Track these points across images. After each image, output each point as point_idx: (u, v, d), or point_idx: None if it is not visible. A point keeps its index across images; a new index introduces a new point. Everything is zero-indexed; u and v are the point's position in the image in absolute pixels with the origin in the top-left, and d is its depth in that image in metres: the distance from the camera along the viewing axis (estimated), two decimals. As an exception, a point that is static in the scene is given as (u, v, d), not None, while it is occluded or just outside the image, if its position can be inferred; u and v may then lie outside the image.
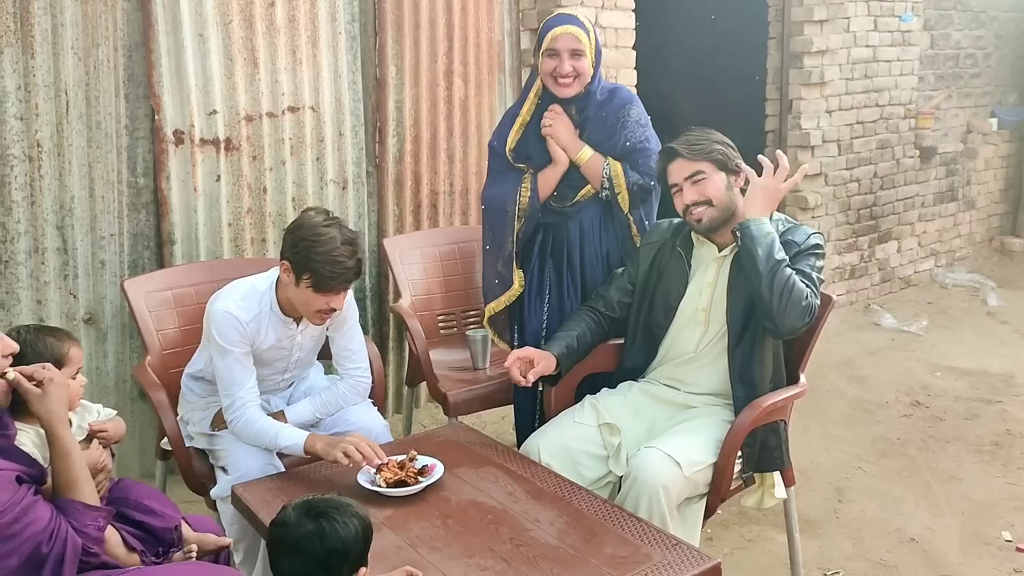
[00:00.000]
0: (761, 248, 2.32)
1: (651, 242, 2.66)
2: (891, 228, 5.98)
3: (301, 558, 1.54)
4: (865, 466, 3.58)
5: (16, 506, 1.60)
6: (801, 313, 2.33)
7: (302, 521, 1.57)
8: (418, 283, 3.50)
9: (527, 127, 2.81)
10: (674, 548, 1.92)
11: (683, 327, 2.55)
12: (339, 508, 1.60)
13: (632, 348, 2.65)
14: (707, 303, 2.51)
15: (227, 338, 2.39)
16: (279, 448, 2.40)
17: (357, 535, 1.59)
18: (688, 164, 2.42)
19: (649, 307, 2.60)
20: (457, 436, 2.56)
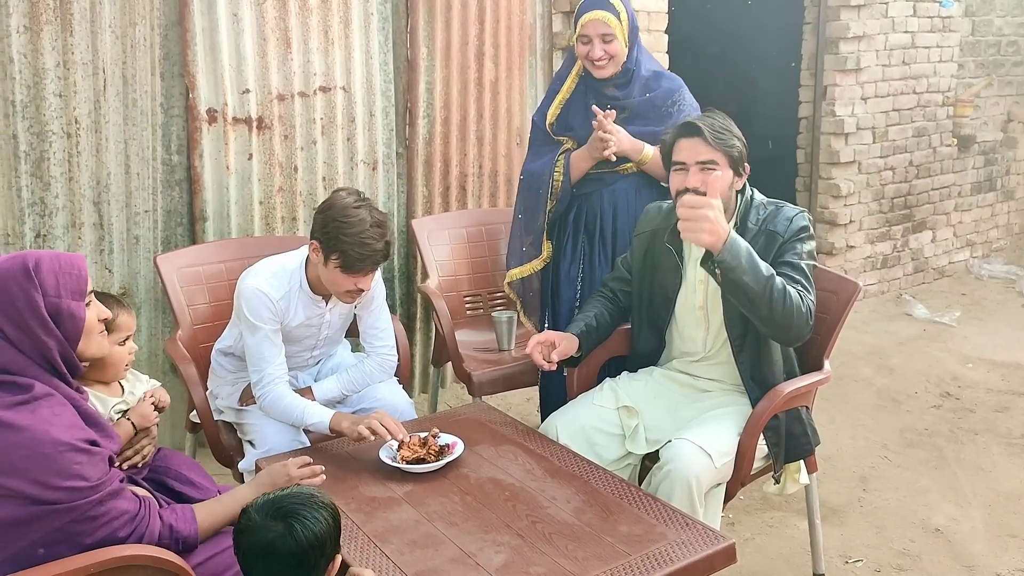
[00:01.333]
0: (748, 276, 2.17)
1: (642, 232, 2.60)
2: (926, 218, 5.90)
3: (276, 560, 1.48)
4: (891, 455, 3.56)
5: (107, 486, 1.64)
6: (803, 322, 2.28)
7: (269, 524, 1.49)
8: (445, 264, 3.52)
9: (567, 103, 2.91)
10: (688, 527, 1.93)
11: (686, 324, 2.54)
12: (304, 503, 1.52)
13: (640, 336, 2.65)
14: (702, 301, 2.48)
15: (257, 315, 2.43)
16: (305, 425, 2.44)
17: (328, 525, 1.52)
18: (706, 149, 2.31)
19: (649, 298, 2.58)
20: (479, 415, 2.59)
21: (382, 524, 1.98)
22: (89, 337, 1.74)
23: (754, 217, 2.41)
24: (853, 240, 5.48)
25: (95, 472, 1.62)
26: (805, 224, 2.39)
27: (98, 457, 1.64)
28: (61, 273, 1.69)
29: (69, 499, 1.59)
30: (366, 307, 2.64)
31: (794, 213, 2.40)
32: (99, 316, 1.79)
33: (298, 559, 1.48)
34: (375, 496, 2.12)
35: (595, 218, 2.91)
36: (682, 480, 2.20)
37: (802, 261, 2.35)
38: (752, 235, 2.37)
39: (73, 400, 1.70)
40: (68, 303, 1.69)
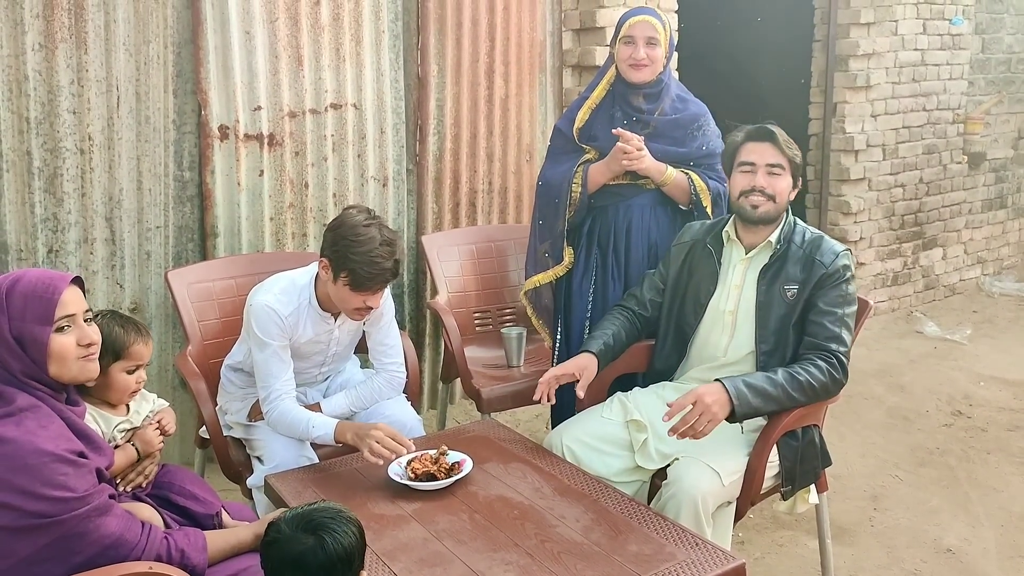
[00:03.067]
0: (770, 405, 2.29)
1: (683, 242, 2.67)
2: (936, 235, 5.88)
3: (305, 573, 1.49)
4: (902, 474, 3.53)
5: (94, 499, 1.62)
6: (834, 389, 2.37)
7: (299, 536, 1.51)
8: (455, 280, 3.53)
9: (595, 110, 2.92)
10: (698, 547, 1.92)
11: (711, 329, 2.55)
12: (333, 517, 1.54)
13: (663, 348, 2.66)
14: (733, 306, 2.51)
15: (266, 331, 2.44)
16: (311, 438, 2.45)
17: (356, 539, 1.54)
18: (776, 153, 2.43)
19: (680, 306, 2.62)
20: (488, 432, 2.58)
21: (391, 542, 1.98)
22: (63, 362, 1.70)
23: (799, 238, 2.47)
24: (864, 257, 5.47)
25: (81, 484, 1.61)
26: (848, 263, 2.43)
27: (85, 469, 1.63)
28: (32, 297, 1.67)
29: (55, 511, 1.57)
30: (375, 324, 2.64)
31: (841, 250, 2.45)
32: (80, 341, 1.72)
33: (327, 572, 1.49)
34: (384, 513, 2.11)
35: (609, 232, 2.91)
36: (689, 498, 2.20)
37: (839, 310, 2.38)
38: (795, 258, 2.44)
39: (61, 413, 1.69)
40: (31, 328, 1.66)
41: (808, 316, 2.40)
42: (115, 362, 2.01)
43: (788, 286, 2.42)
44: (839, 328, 2.37)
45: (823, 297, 2.39)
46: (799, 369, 2.33)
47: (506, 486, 2.23)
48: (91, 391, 1.99)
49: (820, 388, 2.33)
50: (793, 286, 2.42)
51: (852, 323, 2.41)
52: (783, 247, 2.45)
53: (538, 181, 3.03)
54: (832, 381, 2.34)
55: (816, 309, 2.39)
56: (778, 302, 2.43)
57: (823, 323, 2.37)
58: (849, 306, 2.40)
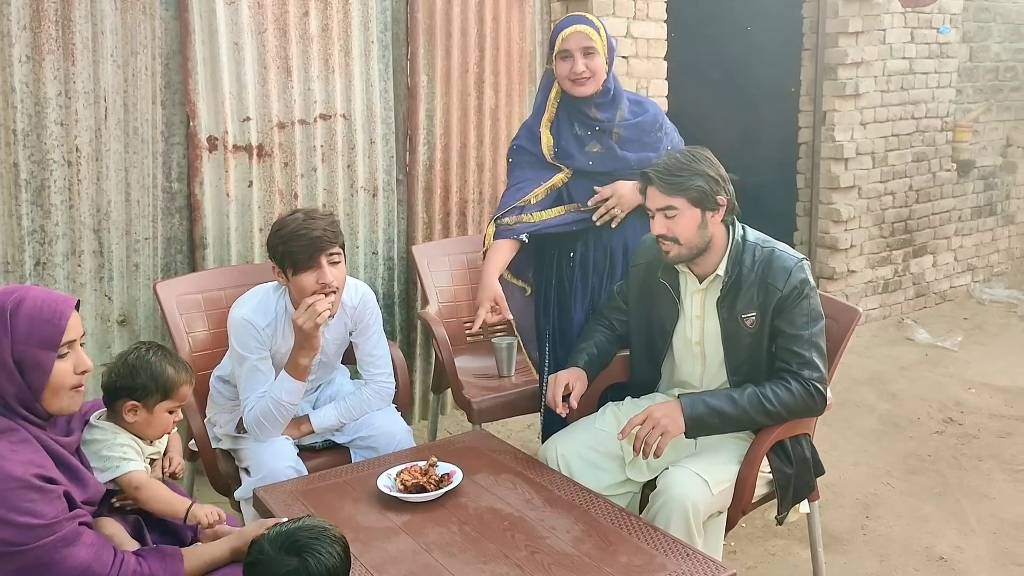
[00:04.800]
0: (728, 425, 2.30)
1: (638, 263, 2.59)
2: (927, 242, 5.90)
3: None
4: (894, 482, 3.53)
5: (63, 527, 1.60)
6: (807, 407, 2.33)
7: (282, 558, 1.47)
8: (445, 290, 3.52)
9: (555, 130, 2.77)
10: (689, 558, 1.91)
11: (682, 358, 2.53)
12: (318, 537, 1.50)
13: (640, 362, 2.64)
14: (699, 336, 2.46)
15: (244, 344, 2.44)
16: (286, 408, 2.44)
17: (340, 560, 1.51)
18: (661, 196, 2.31)
19: (647, 329, 2.57)
20: (478, 443, 2.57)
21: (380, 554, 1.97)
22: (58, 391, 1.67)
23: (749, 260, 2.35)
24: (854, 265, 5.48)
25: (49, 510, 1.58)
26: (804, 277, 2.32)
27: (53, 495, 1.60)
28: (38, 320, 1.63)
29: (21, 539, 1.54)
30: (362, 334, 2.64)
31: (792, 264, 2.32)
32: (76, 368, 1.69)
33: None
34: (372, 525, 2.10)
35: (605, 255, 2.81)
36: (679, 508, 2.19)
37: (805, 331, 2.31)
38: (748, 283, 2.34)
39: (40, 439, 1.65)
40: (36, 353, 1.62)
41: (776, 343, 2.34)
42: (162, 401, 2.00)
43: (746, 314, 2.34)
44: (809, 352, 2.30)
45: (785, 321, 2.31)
46: (769, 393, 2.28)
47: (496, 497, 2.21)
48: (127, 425, 1.98)
49: (789, 414, 2.31)
50: (751, 313, 2.33)
51: (822, 341, 2.33)
52: (734, 274, 2.35)
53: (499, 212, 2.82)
54: (805, 407, 2.31)
55: (782, 335, 2.32)
56: (742, 332, 2.36)
57: (792, 349, 2.30)
58: (815, 323, 2.32)
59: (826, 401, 2.34)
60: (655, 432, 2.25)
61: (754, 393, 2.30)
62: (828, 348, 2.43)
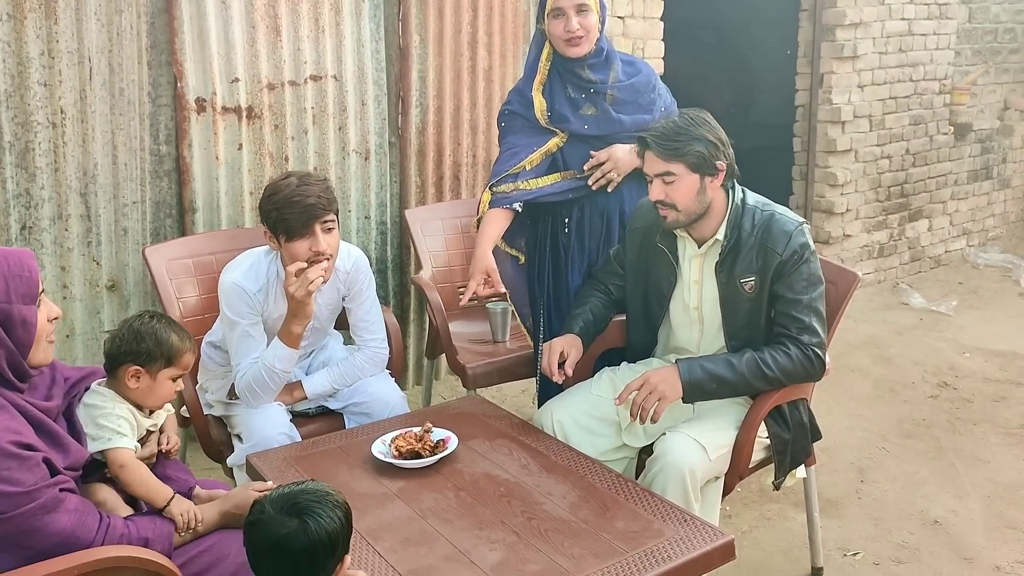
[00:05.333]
0: (725, 390, 2.28)
1: (636, 227, 2.54)
2: (922, 206, 5.87)
3: (286, 557, 1.44)
4: (889, 447, 3.53)
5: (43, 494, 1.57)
6: (806, 373, 2.31)
7: (283, 519, 1.45)
8: (439, 255, 3.48)
9: (548, 93, 2.69)
10: (687, 523, 1.90)
11: (680, 324, 2.50)
12: (319, 500, 1.48)
13: (636, 328, 2.61)
14: (697, 302, 2.44)
15: (235, 310, 2.41)
16: (277, 375, 2.41)
17: (341, 526, 1.48)
18: (659, 162, 2.27)
19: (644, 294, 2.54)
20: (473, 409, 2.55)
21: (374, 521, 1.95)
22: (39, 344, 1.66)
23: (748, 224, 2.32)
24: (850, 229, 5.45)
25: (28, 477, 1.55)
26: (804, 241, 2.29)
27: (31, 462, 1.57)
28: (11, 276, 1.60)
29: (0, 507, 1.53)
30: (355, 299, 2.60)
31: (793, 228, 2.29)
32: (49, 316, 1.69)
33: (309, 557, 1.44)
34: (367, 492, 2.08)
35: (601, 220, 2.75)
36: (676, 473, 2.17)
37: (805, 296, 2.28)
38: (748, 247, 2.31)
39: (18, 405, 1.63)
40: (19, 308, 1.60)
41: (775, 307, 2.32)
42: (165, 368, 1.97)
43: (745, 279, 2.31)
44: (808, 317, 2.28)
45: (784, 286, 2.28)
46: (768, 358, 2.27)
47: (492, 463, 2.19)
48: (126, 393, 1.95)
49: (787, 379, 2.29)
50: (750, 278, 2.31)
51: (822, 306, 2.32)
52: (733, 238, 2.32)
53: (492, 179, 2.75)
54: (804, 373, 2.30)
55: (781, 300, 2.29)
56: (740, 297, 2.34)
57: (791, 314, 2.28)
58: (814, 288, 2.29)
59: (825, 366, 2.32)
60: (652, 397, 2.23)
61: (752, 358, 2.27)
62: (826, 313, 2.41)
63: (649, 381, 2.25)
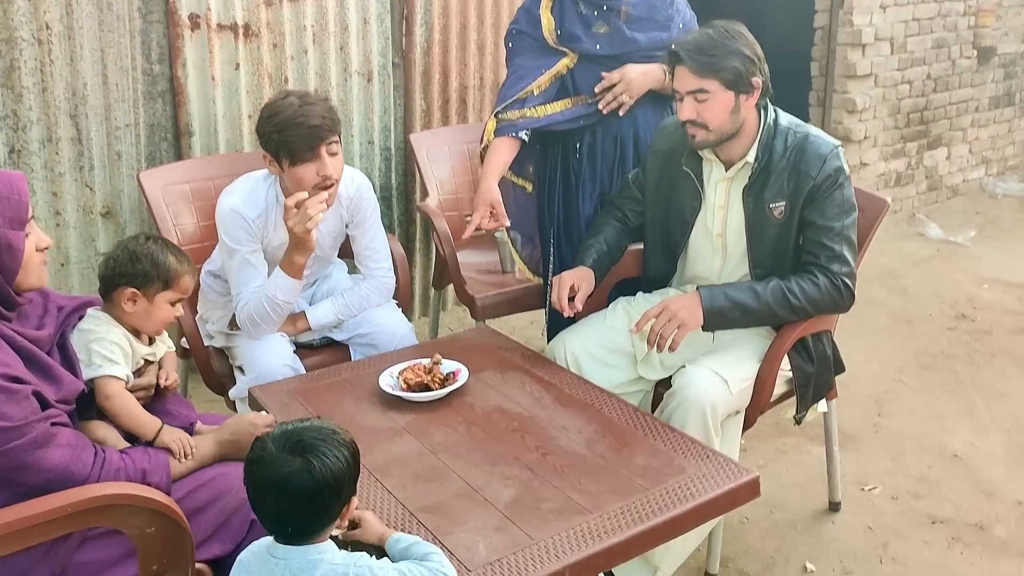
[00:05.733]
0: (748, 318, 2.18)
1: (658, 150, 2.41)
2: (942, 133, 5.70)
3: (289, 498, 1.34)
4: (906, 379, 3.45)
5: (33, 428, 1.50)
6: (835, 304, 2.22)
7: (285, 458, 1.35)
8: (446, 181, 3.36)
9: (557, 10, 2.54)
10: (709, 460, 1.82)
11: (700, 249, 2.38)
12: (325, 439, 1.38)
13: (654, 257, 2.50)
14: (721, 228, 2.32)
15: (234, 237, 2.30)
16: (281, 307, 2.31)
17: (348, 466, 1.38)
18: (692, 78, 2.12)
19: (664, 220, 2.42)
20: (483, 340, 2.46)
21: (383, 456, 1.87)
22: (28, 269, 1.59)
23: (780, 146, 2.19)
24: (867, 157, 5.29)
25: (17, 411, 1.48)
26: (839, 165, 2.17)
27: (20, 395, 1.49)
28: (1, 200, 1.53)
29: None
30: (359, 226, 2.49)
31: (828, 151, 2.16)
32: (38, 245, 1.62)
33: (312, 498, 1.35)
34: (375, 426, 2.00)
35: (614, 145, 2.62)
36: (696, 408, 2.09)
37: (836, 223, 2.17)
38: (779, 170, 2.19)
39: (6, 336, 1.55)
40: (6, 233, 1.53)
41: (804, 234, 2.21)
42: (163, 291, 1.87)
43: (775, 203, 2.20)
44: (839, 245, 2.17)
45: (816, 212, 2.17)
46: (794, 287, 2.17)
47: (504, 396, 2.11)
48: (122, 318, 1.86)
49: (814, 309, 2.19)
50: (780, 202, 2.20)
51: (853, 234, 2.21)
52: (764, 161, 2.19)
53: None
54: (832, 303, 2.21)
55: (811, 227, 2.18)
56: (768, 223, 2.22)
57: (821, 242, 2.17)
58: (847, 215, 2.19)
59: (854, 297, 2.22)
60: (671, 325, 2.13)
61: (778, 287, 2.17)
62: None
63: (668, 308, 2.15)
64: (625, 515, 1.65)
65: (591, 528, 1.61)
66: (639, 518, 1.64)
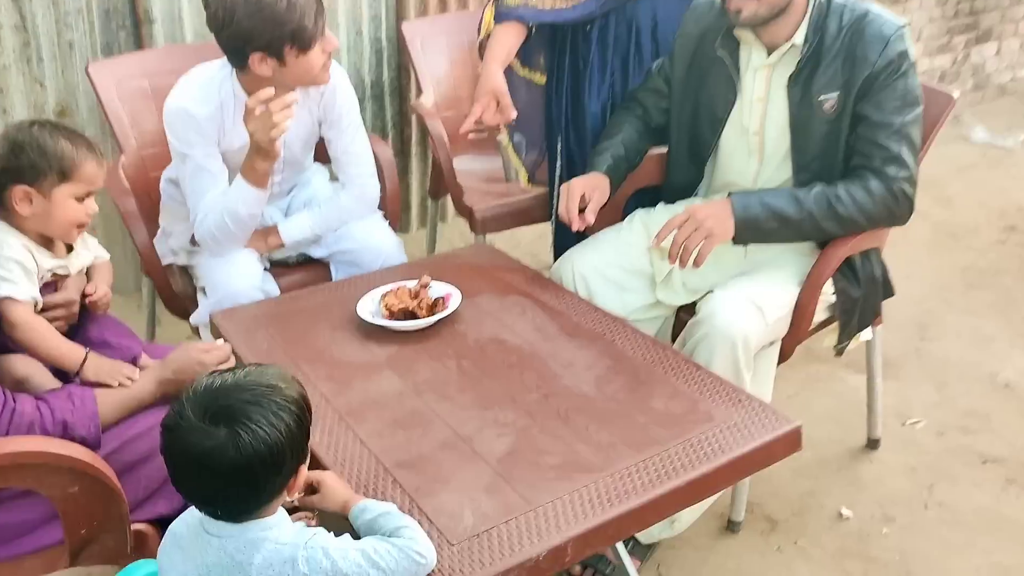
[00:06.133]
0: (787, 231, 1.87)
1: (687, 33, 2.07)
2: (992, 26, 5.22)
3: (213, 475, 1.07)
4: (952, 298, 3.14)
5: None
6: (890, 214, 1.89)
7: (205, 428, 1.06)
8: (443, 78, 3.00)
9: None
10: (740, 405, 1.53)
11: (733, 152, 2.05)
12: (259, 400, 1.09)
13: (679, 161, 2.17)
14: (759, 125, 1.97)
15: (184, 139, 1.99)
16: (242, 220, 2.00)
17: (289, 433, 1.10)
18: None
19: (693, 116, 2.09)
20: (480, 259, 2.16)
21: (358, 396, 1.60)
22: None
23: (834, 26, 1.84)
24: (909, 53, 4.84)
25: None
26: (903, 49, 1.82)
27: None
28: None
29: None
30: (335, 126, 2.16)
31: (891, 32, 1.81)
32: None
33: (243, 475, 1.07)
34: (351, 360, 1.72)
35: (628, 32, 2.28)
36: (725, 340, 1.79)
37: (897, 118, 1.82)
38: (832, 55, 1.84)
39: None
40: None
41: (857, 132, 1.87)
42: (61, 184, 1.55)
43: (825, 95, 1.86)
44: (898, 145, 1.83)
45: (872, 105, 1.83)
46: (842, 193, 1.84)
47: (502, 325, 1.82)
48: (21, 223, 1.56)
49: (866, 221, 1.87)
50: (831, 94, 1.86)
51: (916, 133, 1.86)
52: (814, 43, 1.86)
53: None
54: (887, 214, 1.88)
55: (866, 123, 1.84)
56: (816, 119, 1.88)
57: (876, 141, 1.83)
58: (910, 110, 1.84)
59: (912, 207, 1.90)
60: (697, 235, 1.82)
61: (823, 194, 1.84)
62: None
63: (695, 216, 1.83)
64: (640, 474, 1.37)
65: (600, 491, 1.34)
66: (656, 478, 1.36)
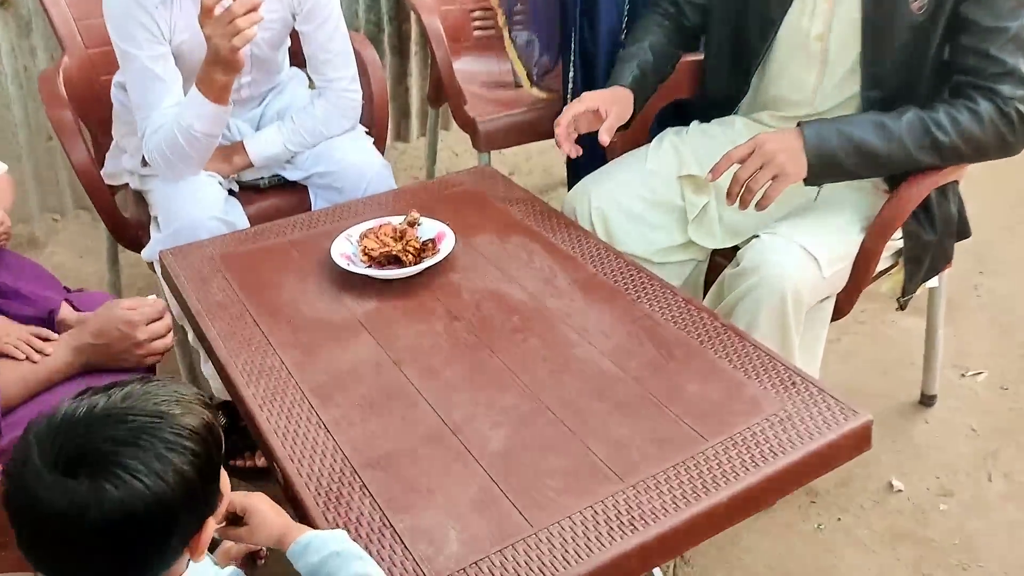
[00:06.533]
0: (869, 169, 1.53)
1: None
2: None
3: (71, 545, 0.75)
4: (1017, 226, 2.80)
5: None
6: (1000, 145, 1.52)
7: (60, 479, 0.74)
8: (444, -36, 2.61)
9: None
10: (796, 390, 1.23)
11: (789, 59, 1.69)
12: (135, 438, 0.76)
13: (716, 73, 1.83)
14: (823, 27, 1.61)
15: (126, 35, 1.65)
16: (195, 132, 1.67)
17: (180, 479, 0.77)
18: None
19: (737, 18, 1.73)
20: (482, 186, 1.83)
21: (324, 369, 1.31)
22: None
23: None
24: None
25: None
26: None
27: None
28: None
29: None
30: (310, 19, 1.81)
31: None
32: None
33: (113, 544, 0.76)
34: (320, 317, 1.43)
35: None
36: (774, 296, 1.48)
37: (1013, 23, 1.45)
38: None
39: None
40: None
41: (958, 40, 1.50)
42: None
43: None
44: (1014, 57, 1.46)
45: (981, 7, 1.46)
46: (943, 118, 1.48)
47: (503, 275, 1.52)
48: None
49: (974, 152, 1.53)
50: None
51: None
52: None
53: None
54: (999, 143, 1.52)
55: (972, 29, 1.47)
56: (899, 20, 1.52)
57: (987, 52, 1.46)
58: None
59: None
60: (765, 173, 1.47)
61: (918, 120, 1.49)
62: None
63: (763, 148, 1.48)
64: (672, 486, 1.09)
65: (620, 508, 1.06)
66: (694, 492, 1.08)
